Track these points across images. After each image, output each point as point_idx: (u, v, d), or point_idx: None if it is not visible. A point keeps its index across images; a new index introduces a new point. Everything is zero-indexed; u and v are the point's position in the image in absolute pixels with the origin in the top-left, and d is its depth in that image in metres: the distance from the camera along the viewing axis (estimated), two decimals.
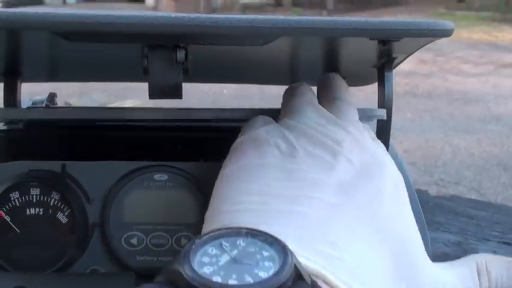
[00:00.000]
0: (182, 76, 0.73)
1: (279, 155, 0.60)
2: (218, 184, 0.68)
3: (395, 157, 0.95)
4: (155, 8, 15.71)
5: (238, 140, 0.73)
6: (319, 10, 15.17)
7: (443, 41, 0.87)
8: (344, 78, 1.04)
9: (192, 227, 0.87)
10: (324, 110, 0.68)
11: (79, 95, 6.14)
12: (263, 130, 0.67)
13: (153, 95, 0.73)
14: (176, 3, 15.27)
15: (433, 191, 1.34)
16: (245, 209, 0.55)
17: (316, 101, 0.73)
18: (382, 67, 0.91)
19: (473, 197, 2.69)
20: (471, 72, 8.52)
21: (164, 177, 0.88)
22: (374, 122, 0.97)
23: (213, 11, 14.72)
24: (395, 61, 0.90)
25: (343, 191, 0.55)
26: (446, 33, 0.73)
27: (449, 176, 4.59)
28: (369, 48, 0.85)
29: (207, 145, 1.00)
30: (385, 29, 0.70)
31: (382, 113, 0.88)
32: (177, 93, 0.73)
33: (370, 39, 0.73)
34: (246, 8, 15.19)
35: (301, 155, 0.59)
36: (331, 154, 0.59)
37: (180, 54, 0.71)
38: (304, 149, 0.60)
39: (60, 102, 1.15)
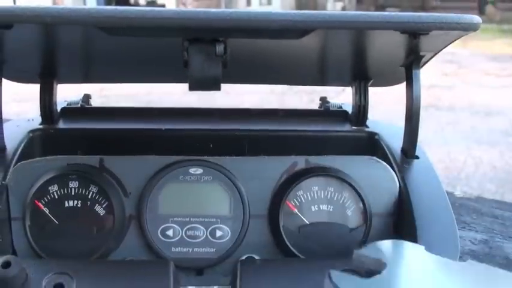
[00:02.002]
0: (221, 69, 0.75)
1: None
2: None
3: (423, 155, 0.98)
4: None
5: None
6: None
7: (464, 53, 0.89)
8: (372, 78, 1.07)
9: (226, 219, 0.90)
10: None
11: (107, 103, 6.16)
12: None
13: (192, 87, 0.76)
14: None
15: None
16: None
17: None
18: (410, 65, 0.93)
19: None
20: (493, 84, 8.47)
21: (199, 171, 0.90)
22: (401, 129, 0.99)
23: None
24: (423, 59, 0.92)
25: None
26: (473, 26, 0.75)
27: (472, 189, 4.56)
28: (397, 46, 0.87)
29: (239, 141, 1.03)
30: (415, 22, 0.72)
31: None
32: (216, 86, 0.76)
33: (401, 32, 0.75)
34: None
35: None
36: None
37: (220, 48, 0.74)
38: None
39: None
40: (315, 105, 1.25)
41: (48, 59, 0.98)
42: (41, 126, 1.04)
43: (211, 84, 0.75)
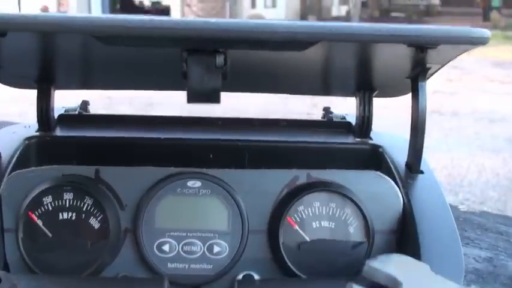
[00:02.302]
0: (221, 81, 0.73)
1: None
2: None
3: (428, 170, 0.95)
4: None
5: None
6: None
7: (469, 59, 0.87)
8: (377, 89, 1.04)
9: (224, 234, 0.88)
10: None
11: (108, 107, 6.17)
12: None
13: (191, 99, 0.73)
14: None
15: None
16: None
17: None
18: (416, 78, 0.91)
19: None
20: (497, 91, 8.47)
21: (197, 184, 0.88)
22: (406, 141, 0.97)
23: None
24: (429, 71, 0.90)
25: None
26: (482, 40, 0.73)
27: (474, 196, 4.54)
28: (403, 58, 0.85)
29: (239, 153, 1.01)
30: (423, 35, 0.70)
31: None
32: (215, 98, 0.73)
33: (407, 45, 0.73)
34: None
35: None
36: None
37: (220, 59, 0.72)
38: None
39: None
40: (318, 109, 1.23)
41: (45, 66, 0.96)
42: (37, 134, 1.02)
43: (211, 96, 0.73)
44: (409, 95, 0.94)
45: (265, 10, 16.64)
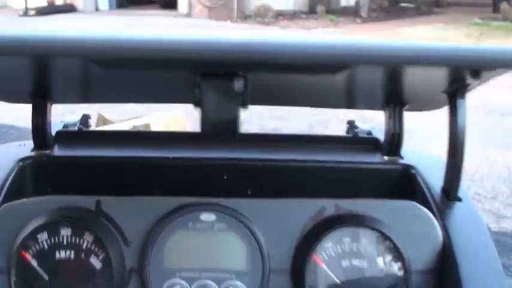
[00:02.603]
0: (240, 109, 0.64)
1: None
2: None
3: (465, 196, 0.86)
4: (188, 15, 15.71)
5: None
6: (353, 18, 15.11)
7: None
8: (408, 103, 0.95)
9: (242, 274, 0.78)
10: None
11: (112, 106, 6.13)
12: None
13: (205, 129, 0.64)
14: (209, 10, 15.29)
15: None
16: None
17: None
18: (454, 94, 0.82)
19: (509, 214, 2.54)
20: (507, 84, 8.42)
21: (212, 217, 0.79)
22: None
23: (246, 18, 14.76)
24: (469, 87, 0.82)
25: None
26: None
27: (486, 191, 4.51)
28: (441, 73, 0.76)
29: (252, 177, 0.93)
30: (480, 58, 0.61)
31: None
32: (232, 130, 0.64)
33: (461, 68, 0.64)
34: (279, 15, 15.14)
35: None
36: None
37: (238, 84, 0.62)
38: None
39: (92, 113, 1.08)
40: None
41: (40, 81, 0.87)
42: (33, 154, 0.93)
43: (228, 127, 0.64)
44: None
45: (273, 1, 16.54)
